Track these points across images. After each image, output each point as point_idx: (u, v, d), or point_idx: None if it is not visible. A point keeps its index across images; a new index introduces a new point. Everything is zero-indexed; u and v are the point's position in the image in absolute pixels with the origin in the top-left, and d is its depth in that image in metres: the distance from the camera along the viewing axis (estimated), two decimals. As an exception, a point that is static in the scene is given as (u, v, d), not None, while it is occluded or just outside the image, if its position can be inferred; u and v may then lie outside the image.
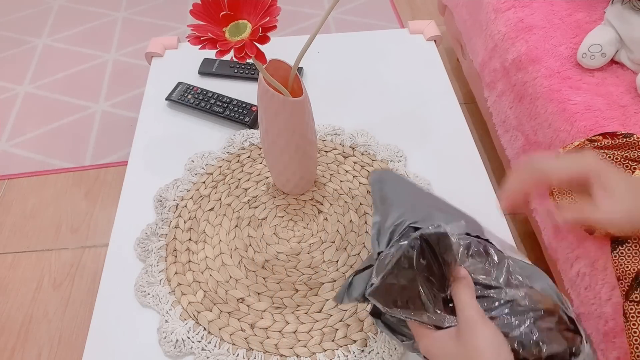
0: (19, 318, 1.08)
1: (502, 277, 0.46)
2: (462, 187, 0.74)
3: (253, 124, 0.83)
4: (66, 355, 1.03)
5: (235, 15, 0.49)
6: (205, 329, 0.61)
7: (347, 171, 0.77)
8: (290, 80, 0.59)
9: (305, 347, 0.59)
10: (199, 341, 0.59)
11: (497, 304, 0.44)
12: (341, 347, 0.59)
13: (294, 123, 0.60)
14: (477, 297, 0.44)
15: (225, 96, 0.86)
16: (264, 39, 0.47)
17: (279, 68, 0.60)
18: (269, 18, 0.47)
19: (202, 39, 0.47)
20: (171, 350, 0.59)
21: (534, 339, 0.42)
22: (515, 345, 0.42)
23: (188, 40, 0.48)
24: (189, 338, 0.59)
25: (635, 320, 0.63)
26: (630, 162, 0.70)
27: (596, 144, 0.75)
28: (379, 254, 0.47)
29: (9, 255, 1.19)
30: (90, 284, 1.13)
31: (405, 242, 0.42)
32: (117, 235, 0.70)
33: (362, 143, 0.80)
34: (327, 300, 0.63)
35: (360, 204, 0.72)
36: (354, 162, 0.78)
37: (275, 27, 0.47)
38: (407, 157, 0.79)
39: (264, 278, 0.65)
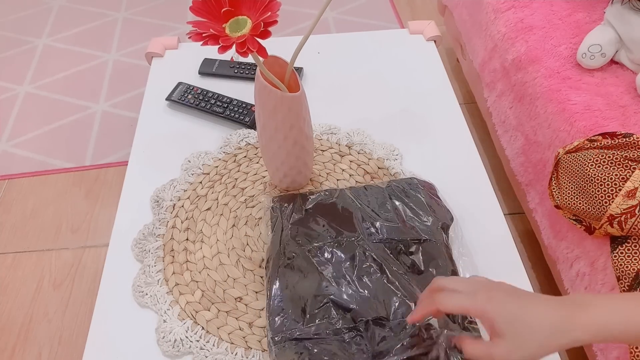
0: (19, 318, 1.08)
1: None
2: (462, 187, 0.74)
3: (253, 124, 0.83)
4: (66, 355, 1.03)
5: (235, 11, 0.49)
6: (203, 328, 0.60)
7: (343, 170, 0.77)
8: (287, 76, 0.59)
9: (303, 346, 0.59)
10: (197, 340, 0.59)
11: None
12: (339, 347, 0.59)
13: (292, 118, 0.60)
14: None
15: (225, 96, 0.86)
16: (265, 34, 0.47)
17: (275, 64, 0.60)
18: (270, 13, 0.47)
19: (203, 35, 0.47)
20: (170, 349, 0.59)
21: None
22: None
23: (189, 37, 0.48)
24: (187, 337, 0.59)
25: (635, 321, 0.63)
26: (630, 162, 0.70)
27: (596, 143, 0.75)
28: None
29: (9, 255, 1.19)
30: (90, 284, 1.13)
31: None
32: (117, 236, 0.70)
33: (358, 142, 0.80)
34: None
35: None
36: (350, 161, 0.78)
37: (276, 21, 0.47)
38: (404, 155, 0.79)
39: (261, 277, 0.65)
